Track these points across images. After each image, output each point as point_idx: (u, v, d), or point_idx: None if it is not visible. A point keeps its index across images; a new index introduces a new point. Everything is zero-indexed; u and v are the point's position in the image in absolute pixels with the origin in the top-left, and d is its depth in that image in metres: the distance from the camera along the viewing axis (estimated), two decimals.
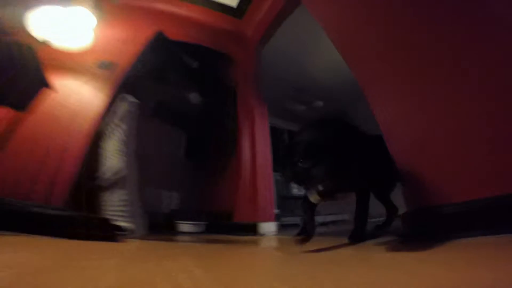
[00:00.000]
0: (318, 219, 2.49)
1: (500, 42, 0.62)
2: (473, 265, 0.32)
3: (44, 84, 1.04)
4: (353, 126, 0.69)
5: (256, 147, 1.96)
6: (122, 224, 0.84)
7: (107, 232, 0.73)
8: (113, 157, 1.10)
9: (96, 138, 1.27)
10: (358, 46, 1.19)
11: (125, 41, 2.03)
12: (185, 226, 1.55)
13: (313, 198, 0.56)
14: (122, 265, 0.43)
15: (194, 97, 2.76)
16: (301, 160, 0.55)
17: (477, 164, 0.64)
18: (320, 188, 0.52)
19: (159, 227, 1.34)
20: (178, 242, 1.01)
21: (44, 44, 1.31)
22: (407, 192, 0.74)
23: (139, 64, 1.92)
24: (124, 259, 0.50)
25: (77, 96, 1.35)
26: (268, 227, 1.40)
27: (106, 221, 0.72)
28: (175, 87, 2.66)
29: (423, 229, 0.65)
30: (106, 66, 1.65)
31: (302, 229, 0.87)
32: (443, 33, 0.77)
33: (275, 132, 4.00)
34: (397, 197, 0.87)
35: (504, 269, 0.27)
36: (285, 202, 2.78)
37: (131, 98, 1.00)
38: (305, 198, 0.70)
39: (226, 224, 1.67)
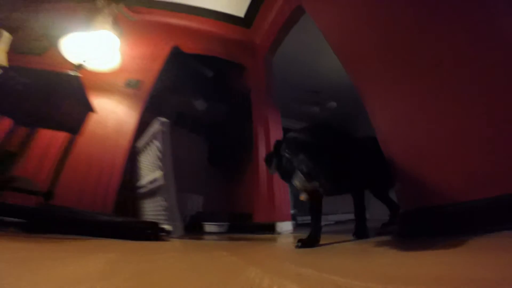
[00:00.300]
0: (334, 218, 2.60)
1: (499, 42, 0.66)
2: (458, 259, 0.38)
3: (90, 109, 1.25)
4: (339, 130, 0.77)
5: (271, 145, 2.08)
6: (165, 226, 1.01)
7: (157, 233, 0.91)
8: (149, 169, 1.29)
9: (133, 153, 1.48)
10: (354, 51, 1.30)
11: (146, 57, 2.24)
12: (210, 227, 1.73)
13: (302, 196, 0.68)
14: (183, 256, 0.60)
15: (200, 105, 2.95)
16: (286, 150, 0.64)
17: (474, 165, 0.67)
18: (303, 182, 0.60)
19: (189, 228, 1.52)
20: (209, 240, 1.18)
21: (79, 68, 1.52)
22: (402, 193, 0.84)
23: (161, 80, 2.13)
24: (179, 252, 0.66)
25: (114, 115, 1.56)
26: (285, 226, 1.54)
27: (155, 225, 0.89)
28: (192, 97, 2.86)
29: (420, 228, 0.75)
30: (133, 84, 1.87)
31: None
32: (442, 33, 0.81)
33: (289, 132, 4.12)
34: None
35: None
36: (301, 202, 2.90)
37: (162, 119, 1.17)
38: (311, 203, 0.82)
39: (246, 224, 1.83)
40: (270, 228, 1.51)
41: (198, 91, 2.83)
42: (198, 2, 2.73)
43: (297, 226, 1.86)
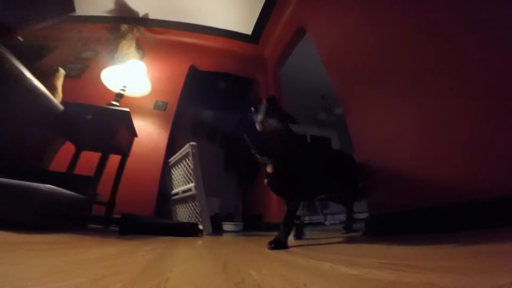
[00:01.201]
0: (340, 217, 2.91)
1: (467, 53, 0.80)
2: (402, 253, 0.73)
3: (135, 134, 1.60)
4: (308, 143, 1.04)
5: None
6: (199, 226, 1.36)
7: (194, 231, 1.25)
8: (182, 181, 1.64)
9: (166, 168, 1.84)
10: (339, 68, 1.62)
11: (169, 79, 2.59)
12: (228, 226, 2.07)
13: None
14: (222, 246, 0.92)
15: (208, 114, 3.30)
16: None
17: (428, 180, 0.90)
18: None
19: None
20: (231, 236, 1.51)
21: (120, 97, 1.87)
22: (370, 201, 1.15)
23: (182, 100, 2.47)
24: (217, 243, 0.99)
25: (148, 136, 1.92)
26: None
27: (195, 225, 1.24)
28: (207, 108, 3.21)
29: (382, 228, 1.05)
30: (161, 106, 2.22)
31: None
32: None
33: (299, 138, 4.44)
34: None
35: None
36: (309, 203, 3.23)
37: (192, 143, 1.51)
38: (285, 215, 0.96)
39: (258, 224, 2.16)
40: (278, 227, 1.84)
41: (213, 103, 3.18)
42: (209, 22, 3.06)
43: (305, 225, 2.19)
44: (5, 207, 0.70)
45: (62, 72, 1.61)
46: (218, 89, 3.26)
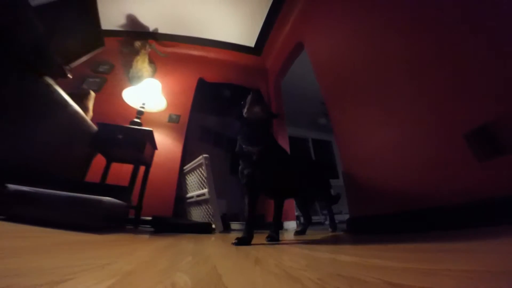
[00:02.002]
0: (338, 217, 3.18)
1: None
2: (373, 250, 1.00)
3: (155, 148, 1.88)
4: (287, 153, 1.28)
5: None
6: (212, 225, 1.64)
7: (209, 229, 1.53)
8: (195, 186, 1.93)
9: (182, 174, 2.13)
10: (330, 83, 1.87)
11: (180, 92, 2.86)
12: (235, 225, 2.36)
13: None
14: (225, 248, 1.20)
15: (214, 121, 3.56)
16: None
17: (406, 183, 1.22)
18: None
19: None
20: (238, 234, 1.78)
21: (141, 114, 2.15)
22: (350, 204, 1.41)
23: (192, 111, 2.74)
24: (224, 242, 1.27)
25: (165, 147, 2.20)
26: (290, 225, 2.14)
27: (209, 224, 1.52)
28: (213, 115, 3.48)
29: (360, 228, 1.31)
30: (174, 119, 2.50)
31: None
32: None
33: (302, 141, 4.73)
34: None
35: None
36: (310, 205, 3.52)
37: (205, 155, 1.78)
38: (248, 214, 1.06)
39: (261, 223, 2.44)
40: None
41: (219, 110, 3.46)
42: (215, 36, 3.33)
43: (301, 224, 2.47)
44: (77, 215, 0.98)
45: (92, 94, 1.89)
46: (224, 97, 3.53)
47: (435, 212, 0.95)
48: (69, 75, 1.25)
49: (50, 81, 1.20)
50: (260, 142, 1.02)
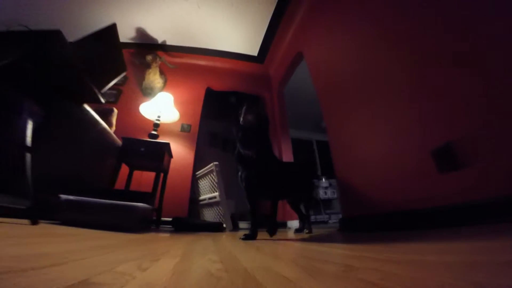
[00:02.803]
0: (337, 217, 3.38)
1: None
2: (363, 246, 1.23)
3: (171, 156, 2.14)
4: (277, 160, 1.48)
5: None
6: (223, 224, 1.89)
7: (221, 228, 1.79)
8: (207, 190, 2.18)
9: (194, 179, 2.40)
10: (326, 92, 2.07)
11: (190, 102, 3.12)
12: (243, 224, 2.60)
13: None
14: (234, 242, 1.44)
15: (222, 127, 3.80)
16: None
17: (391, 187, 1.43)
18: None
19: None
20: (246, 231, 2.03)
21: (157, 126, 2.41)
22: (342, 205, 1.63)
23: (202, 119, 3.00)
24: (234, 238, 1.51)
25: (179, 155, 2.47)
26: (294, 224, 2.37)
27: (221, 224, 1.77)
28: (223, 122, 3.73)
29: (351, 226, 1.53)
30: (186, 128, 2.76)
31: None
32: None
33: (307, 143, 4.94)
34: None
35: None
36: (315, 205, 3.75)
37: (215, 163, 2.03)
38: (250, 210, 1.30)
39: (267, 222, 2.67)
40: (283, 225, 2.36)
41: (226, 116, 3.70)
42: (219, 46, 3.57)
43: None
44: (118, 219, 1.25)
45: (115, 111, 2.17)
46: (230, 104, 3.76)
47: (407, 215, 1.17)
48: (102, 100, 1.51)
49: (87, 107, 1.46)
50: (253, 146, 1.22)
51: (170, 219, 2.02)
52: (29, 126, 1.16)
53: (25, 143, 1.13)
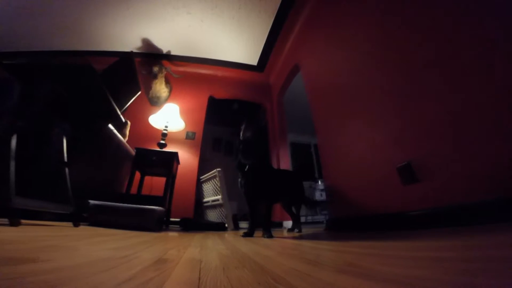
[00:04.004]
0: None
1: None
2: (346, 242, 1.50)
3: (179, 163, 2.42)
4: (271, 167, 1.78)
5: (281, 167, 3.17)
6: (225, 224, 2.17)
7: (223, 228, 2.06)
8: (211, 193, 2.46)
9: (199, 183, 2.67)
10: (317, 103, 2.32)
11: (194, 110, 3.38)
12: (243, 224, 2.88)
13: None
14: (236, 238, 1.71)
15: (224, 132, 4.06)
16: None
17: (373, 193, 1.71)
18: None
19: None
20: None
21: (164, 136, 2.68)
22: (331, 208, 1.90)
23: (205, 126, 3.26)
24: (235, 236, 1.78)
25: (184, 161, 2.74)
26: (289, 224, 2.64)
27: (222, 224, 2.04)
28: (225, 128, 3.99)
29: (336, 226, 1.80)
30: (191, 136, 3.03)
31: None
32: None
33: (305, 147, 5.20)
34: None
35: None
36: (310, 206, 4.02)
37: (218, 169, 2.30)
38: (250, 211, 1.74)
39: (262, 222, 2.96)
40: (279, 225, 2.63)
41: (228, 122, 3.98)
42: (221, 57, 3.82)
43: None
44: (141, 220, 1.52)
45: (129, 123, 2.44)
46: (232, 110, 4.03)
47: (380, 218, 1.43)
48: (123, 119, 1.78)
49: (111, 126, 1.74)
50: (251, 157, 1.50)
51: (178, 219, 2.30)
52: (65, 144, 1.44)
53: (63, 158, 1.40)
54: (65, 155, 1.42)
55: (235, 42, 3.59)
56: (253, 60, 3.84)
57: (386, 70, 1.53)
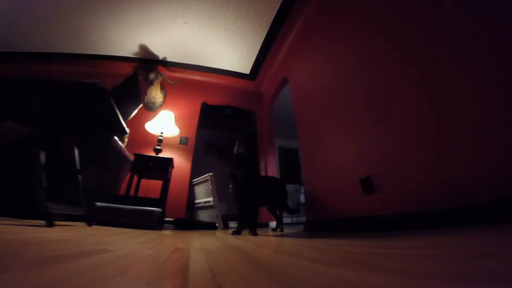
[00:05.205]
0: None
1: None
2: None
3: (173, 167, 2.66)
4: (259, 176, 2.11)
5: (268, 171, 3.47)
6: (216, 223, 2.44)
7: (214, 227, 2.34)
8: (203, 195, 2.72)
9: (191, 186, 2.93)
10: (301, 116, 2.62)
11: (187, 116, 3.62)
12: (232, 224, 3.16)
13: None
14: (226, 235, 1.99)
15: (216, 136, 4.32)
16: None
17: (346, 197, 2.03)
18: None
19: None
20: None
21: (160, 142, 2.92)
22: (310, 211, 2.21)
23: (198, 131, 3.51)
24: (226, 234, 2.06)
25: (178, 165, 2.99)
26: (273, 224, 2.95)
27: (214, 223, 2.31)
28: (217, 132, 4.24)
29: (313, 228, 2.12)
30: (184, 141, 3.28)
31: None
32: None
33: (293, 152, 5.50)
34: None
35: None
36: (295, 207, 4.34)
37: (210, 173, 2.57)
38: (240, 212, 2.07)
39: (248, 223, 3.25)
40: (266, 225, 2.93)
41: (220, 127, 4.24)
42: (215, 65, 4.07)
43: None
44: (144, 220, 1.77)
45: (128, 131, 2.65)
46: (224, 115, 4.29)
47: (346, 221, 1.75)
48: (127, 130, 2.01)
49: (116, 137, 1.98)
50: (241, 169, 1.84)
51: (172, 219, 2.55)
52: (77, 153, 1.67)
53: (77, 166, 1.64)
54: (77, 163, 1.65)
55: (230, 51, 3.85)
56: (246, 69, 4.11)
57: (358, 93, 1.84)
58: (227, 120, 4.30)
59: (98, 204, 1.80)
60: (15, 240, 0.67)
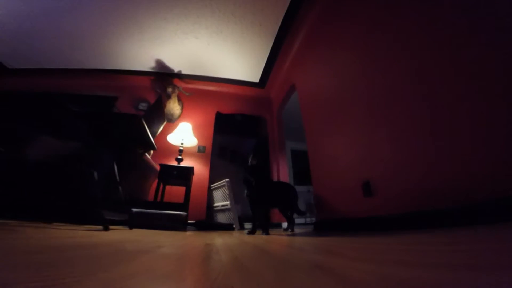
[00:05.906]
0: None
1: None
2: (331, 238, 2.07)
3: (193, 174, 3.00)
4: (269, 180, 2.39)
5: (280, 174, 3.74)
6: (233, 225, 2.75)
7: (231, 228, 2.64)
8: (220, 198, 3.04)
9: (209, 190, 3.26)
10: (309, 121, 2.86)
11: (203, 126, 3.96)
12: (247, 225, 3.46)
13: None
14: (242, 235, 2.28)
15: (230, 141, 4.63)
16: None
17: (349, 199, 2.27)
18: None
19: None
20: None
21: (181, 152, 3.27)
22: (318, 211, 2.46)
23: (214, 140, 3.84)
24: (241, 234, 2.35)
25: (197, 172, 3.33)
26: (285, 225, 3.21)
27: (231, 224, 2.62)
28: (231, 137, 4.56)
29: (322, 228, 2.36)
30: (202, 149, 3.61)
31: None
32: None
33: (304, 153, 5.71)
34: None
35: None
36: (308, 208, 4.58)
37: (227, 179, 2.88)
38: (252, 214, 2.36)
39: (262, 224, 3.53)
40: (278, 226, 3.20)
41: (233, 132, 4.56)
42: (226, 75, 4.38)
43: (297, 224, 3.53)
44: (172, 223, 2.11)
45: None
46: (237, 121, 4.61)
47: (350, 221, 1.99)
48: (155, 147, 2.36)
49: (146, 153, 2.33)
50: (254, 176, 2.12)
51: (193, 221, 2.89)
52: (116, 167, 2.02)
53: (117, 179, 1.99)
54: (117, 175, 2.01)
55: (238, 62, 4.15)
56: (255, 77, 4.39)
57: (360, 102, 2.07)
58: (239, 125, 4.61)
59: (134, 209, 2.15)
60: (100, 242, 0.99)
